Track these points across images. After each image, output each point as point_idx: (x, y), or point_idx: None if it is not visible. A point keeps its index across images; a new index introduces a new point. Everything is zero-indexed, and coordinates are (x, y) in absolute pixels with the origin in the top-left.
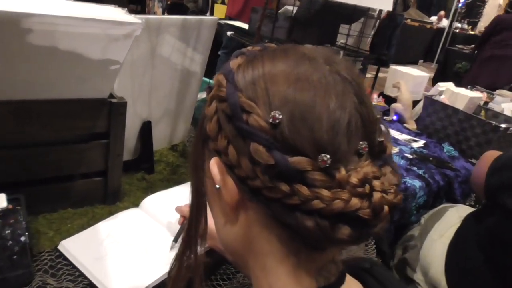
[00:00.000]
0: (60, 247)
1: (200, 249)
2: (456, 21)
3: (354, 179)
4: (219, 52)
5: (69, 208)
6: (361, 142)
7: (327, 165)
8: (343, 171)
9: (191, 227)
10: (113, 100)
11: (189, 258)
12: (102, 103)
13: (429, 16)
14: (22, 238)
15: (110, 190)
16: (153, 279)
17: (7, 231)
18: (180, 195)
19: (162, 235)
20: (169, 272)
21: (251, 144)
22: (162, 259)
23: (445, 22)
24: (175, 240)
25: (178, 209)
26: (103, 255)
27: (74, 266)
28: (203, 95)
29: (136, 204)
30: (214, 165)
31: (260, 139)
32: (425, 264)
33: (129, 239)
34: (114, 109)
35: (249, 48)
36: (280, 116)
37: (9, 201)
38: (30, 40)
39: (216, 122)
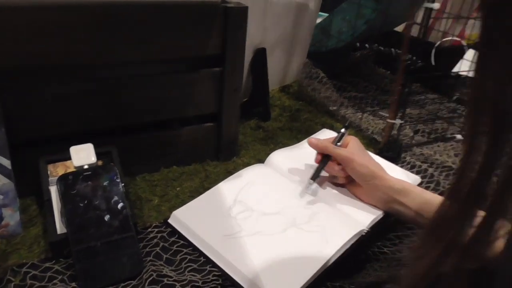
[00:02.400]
0: (172, 220)
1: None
2: None
3: None
4: None
5: (174, 166)
6: None
7: None
8: None
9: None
10: (229, 5)
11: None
12: (214, 9)
13: None
14: (121, 207)
15: (225, 140)
16: (315, 269)
17: (100, 199)
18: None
19: (308, 202)
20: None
21: None
22: (321, 238)
23: None
24: (313, 178)
25: (312, 143)
26: (236, 231)
27: (195, 248)
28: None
29: (258, 159)
30: None
31: None
32: None
33: (266, 206)
34: (232, 18)
35: None
36: None
37: (98, 155)
38: None
39: None
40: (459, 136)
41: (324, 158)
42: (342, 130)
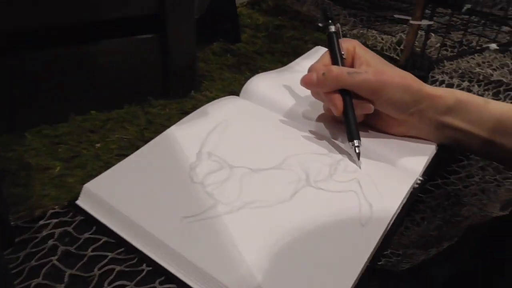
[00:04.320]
0: (83, 200)
1: None
2: None
3: None
4: None
5: (92, 111)
6: None
7: None
8: None
9: None
10: None
11: None
12: None
13: None
14: None
15: (176, 64)
16: (364, 258)
17: None
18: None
19: (323, 146)
20: None
21: None
22: (359, 201)
23: None
24: (354, 138)
25: (311, 80)
26: (207, 208)
27: (130, 249)
28: None
29: (231, 91)
30: None
31: None
32: None
33: (254, 159)
34: None
35: None
36: None
37: None
38: None
39: None
40: (493, 45)
41: (345, 98)
42: (331, 28)
